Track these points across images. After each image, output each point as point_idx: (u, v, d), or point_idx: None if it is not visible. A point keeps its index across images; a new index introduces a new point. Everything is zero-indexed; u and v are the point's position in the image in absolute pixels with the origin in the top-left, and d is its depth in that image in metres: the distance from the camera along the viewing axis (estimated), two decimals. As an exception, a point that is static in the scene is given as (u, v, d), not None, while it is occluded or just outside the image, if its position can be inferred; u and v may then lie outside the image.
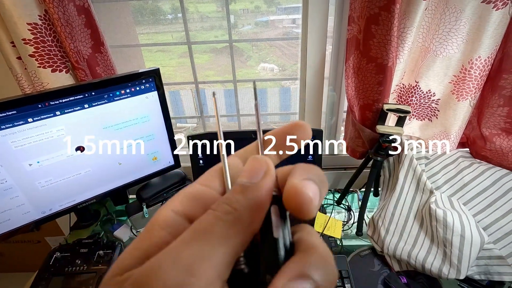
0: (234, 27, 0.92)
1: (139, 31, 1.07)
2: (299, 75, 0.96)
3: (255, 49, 2.95)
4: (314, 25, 0.82)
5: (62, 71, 0.71)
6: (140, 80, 0.67)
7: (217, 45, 1.16)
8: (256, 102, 0.17)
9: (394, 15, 0.63)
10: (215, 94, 0.18)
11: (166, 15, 1.02)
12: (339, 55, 0.89)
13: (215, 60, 1.67)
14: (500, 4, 0.63)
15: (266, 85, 3.61)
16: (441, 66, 0.76)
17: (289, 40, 1.02)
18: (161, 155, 0.80)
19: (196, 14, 1.10)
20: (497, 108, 0.76)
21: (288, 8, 0.99)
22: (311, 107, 0.98)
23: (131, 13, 0.99)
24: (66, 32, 0.66)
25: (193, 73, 0.96)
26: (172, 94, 3.68)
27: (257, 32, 1.44)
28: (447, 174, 0.83)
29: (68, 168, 0.65)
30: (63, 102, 0.58)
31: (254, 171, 0.15)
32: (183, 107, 3.14)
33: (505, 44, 0.70)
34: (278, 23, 1.10)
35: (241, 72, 3.09)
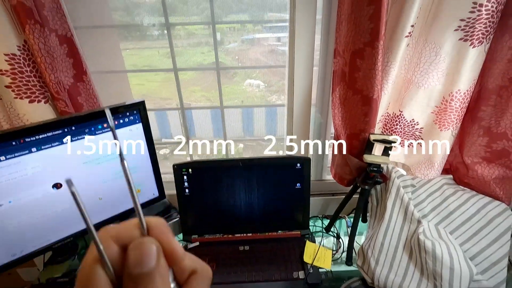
0: (220, 44, 0.92)
1: (125, 46, 1.05)
2: (286, 102, 0.96)
3: (241, 65, 3.02)
4: (300, 55, 0.83)
5: (41, 102, 0.68)
6: (124, 112, 0.65)
7: (204, 61, 1.16)
8: (123, 164, 0.16)
9: (378, 50, 0.65)
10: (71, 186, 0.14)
11: (152, 31, 1.01)
12: (325, 84, 0.90)
13: (202, 76, 1.65)
14: (476, 42, 0.66)
15: (253, 101, 3.64)
16: (423, 96, 0.78)
17: (276, 59, 1.03)
18: (145, 187, 0.77)
19: (183, 30, 1.10)
20: (478, 138, 0.79)
21: (274, 27, 1.00)
22: (298, 131, 0.98)
23: (115, 30, 0.97)
24: (46, 63, 0.63)
25: (179, 95, 0.95)
26: (158, 112, 3.65)
27: (243, 49, 1.44)
28: (433, 202, 0.84)
29: (43, 206, 0.61)
30: (40, 138, 0.55)
31: (144, 255, 0.15)
32: (169, 122, 3.11)
33: (482, 78, 0.73)
34: (264, 41, 1.12)
35: (228, 89, 3.10)
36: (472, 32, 0.65)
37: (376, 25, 0.63)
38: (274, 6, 0.91)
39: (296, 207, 0.92)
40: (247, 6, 0.98)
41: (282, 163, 0.88)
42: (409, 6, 0.62)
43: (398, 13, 0.64)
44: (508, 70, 0.68)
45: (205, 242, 0.91)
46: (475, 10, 0.62)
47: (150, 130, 0.70)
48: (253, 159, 0.86)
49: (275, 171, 0.88)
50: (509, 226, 0.76)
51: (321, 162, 1.07)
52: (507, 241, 0.75)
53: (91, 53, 0.89)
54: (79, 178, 0.64)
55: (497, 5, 0.62)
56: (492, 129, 0.75)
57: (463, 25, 0.65)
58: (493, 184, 0.80)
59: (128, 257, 0.15)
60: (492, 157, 0.79)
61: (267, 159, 0.87)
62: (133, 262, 0.15)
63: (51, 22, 0.64)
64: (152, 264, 0.15)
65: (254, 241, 0.92)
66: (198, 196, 0.89)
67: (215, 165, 0.87)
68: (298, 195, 0.90)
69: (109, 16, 0.97)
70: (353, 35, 0.68)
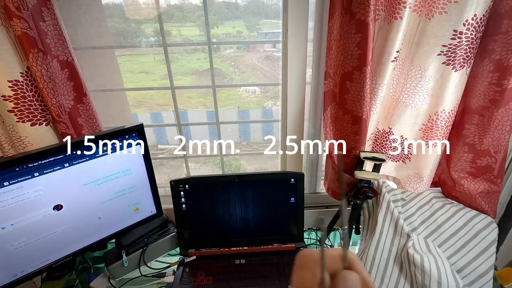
0: (216, 50, 0.94)
1: (121, 52, 1.07)
2: (280, 118, 0.99)
3: (237, 71, 3.03)
4: (293, 73, 0.87)
5: (42, 124, 0.71)
6: (124, 136, 0.67)
7: (200, 68, 1.18)
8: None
9: (366, 74, 0.69)
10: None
11: (148, 37, 1.03)
12: (318, 102, 0.93)
13: (198, 82, 1.67)
14: (458, 66, 0.70)
15: (249, 106, 3.66)
16: (410, 115, 0.82)
17: (270, 64, 1.04)
18: (143, 205, 0.79)
19: (179, 37, 1.13)
20: (463, 154, 0.82)
21: (269, 33, 1.02)
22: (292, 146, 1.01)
23: (111, 36, 0.99)
24: (48, 88, 0.66)
25: (175, 107, 0.98)
26: (153, 115, 3.63)
27: (238, 56, 1.48)
28: (423, 215, 0.87)
29: (44, 228, 0.62)
30: (42, 163, 0.57)
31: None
32: (165, 128, 3.11)
33: (465, 98, 0.77)
34: (259, 47, 1.14)
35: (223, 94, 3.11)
36: (454, 57, 0.69)
37: (363, 51, 0.66)
38: (269, 13, 0.93)
39: (290, 220, 0.94)
40: (242, 13, 1.01)
41: (277, 178, 0.90)
42: (394, 34, 0.66)
43: (384, 40, 0.68)
44: (489, 92, 0.72)
45: (201, 256, 0.93)
46: (456, 37, 0.66)
47: (148, 151, 0.72)
48: (249, 175, 0.89)
49: (270, 186, 0.90)
50: (494, 239, 0.79)
51: (315, 175, 1.10)
52: (493, 253, 0.78)
53: (90, 71, 0.92)
54: (79, 199, 0.66)
55: (476, 33, 0.66)
56: (476, 146, 0.79)
57: (445, 51, 0.69)
58: (479, 198, 0.84)
59: (338, 286, 0.19)
60: (477, 172, 0.82)
61: (262, 175, 0.90)
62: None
63: (53, 48, 0.67)
64: None
65: (250, 254, 0.94)
66: (195, 211, 0.91)
67: (211, 181, 0.89)
68: (292, 209, 0.93)
69: (108, 35, 1.01)
70: (342, 59, 0.71)
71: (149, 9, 0.90)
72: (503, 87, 0.68)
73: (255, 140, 3.63)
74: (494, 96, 0.71)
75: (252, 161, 3.42)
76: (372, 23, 0.64)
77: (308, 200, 1.09)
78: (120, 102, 1.20)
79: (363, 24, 0.64)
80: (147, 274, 0.89)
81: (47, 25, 0.65)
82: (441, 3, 0.64)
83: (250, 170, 2.89)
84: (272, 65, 1.07)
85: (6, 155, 0.71)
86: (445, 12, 0.65)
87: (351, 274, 0.19)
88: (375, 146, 0.91)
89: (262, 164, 3.05)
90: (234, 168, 3.12)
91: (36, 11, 0.62)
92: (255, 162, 3.43)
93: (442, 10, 0.65)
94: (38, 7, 0.63)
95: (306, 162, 1.08)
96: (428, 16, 0.67)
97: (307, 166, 1.08)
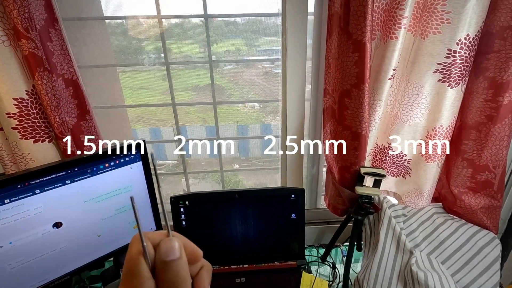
0: (216, 66, 0.96)
1: (122, 69, 1.08)
2: (280, 134, 1.00)
3: (237, 87, 3.07)
4: (293, 89, 0.88)
5: (45, 141, 0.71)
6: (126, 152, 0.67)
7: (200, 83, 1.20)
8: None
9: (364, 92, 0.70)
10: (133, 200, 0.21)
11: (149, 54, 1.05)
12: (317, 117, 0.95)
13: (197, 98, 1.69)
14: (454, 84, 0.72)
15: (248, 121, 3.69)
16: (409, 130, 0.83)
17: (269, 80, 1.06)
18: (143, 222, 0.78)
19: (179, 54, 1.15)
20: (462, 169, 0.83)
21: (268, 50, 1.04)
22: (292, 165, 1.01)
23: (113, 53, 1.02)
24: (52, 105, 0.67)
25: (176, 125, 0.99)
26: (152, 130, 3.65)
27: (238, 72, 1.50)
28: (425, 231, 0.86)
29: (43, 246, 0.62)
30: (44, 180, 0.57)
31: (172, 248, 0.21)
32: (164, 144, 3.11)
33: (462, 114, 0.78)
34: (258, 63, 1.15)
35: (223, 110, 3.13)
36: (449, 74, 0.71)
37: (361, 69, 0.68)
38: (268, 30, 0.96)
39: (291, 237, 0.93)
40: (241, 30, 1.04)
41: (277, 194, 0.90)
42: (391, 53, 0.68)
43: (381, 59, 0.70)
44: (484, 108, 0.73)
45: (201, 275, 0.91)
46: (450, 56, 0.68)
47: (149, 167, 0.73)
48: (249, 191, 0.89)
49: (270, 202, 0.90)
50: (498, 255, 0.78)
51: (315, 190, 1.09)
52: (497, 270, 0.77)
53: (93, 89, 0.93)
54: (79, 216, 0.65)
55: (469, 52, 0.68)
56: (475, 161, 0.80)
57: (441, 68, 0.71)
58: (480, 214, 0.83)
59: (160, 248, 0.21)
60: (477, 188, 0.83)
61: (263, 191, 0.89)
62: (164, 252, 0.20)
63: (59, 67, 0.69)
64: (177, 254, 0.21)
65: (251, 272, 0.92)
66: (195, 228, 0.90)
67: (212, 197, 0.89)
68: (293, 226, 0.92)
69: (110, 54, 1.03)
70: (340, 77, 0.73)
71: (151, 28, 0.92)
72: (498, 103, 0.70)
73: (254, 155, 3.63)
74: (490, 112, 0.72)
75: (251, 176, 3.41)
76: (369, 43, 0.66)
77: (308, 216, 1.08)
78: (120, 118, 1.22)
79: (360, 44, 0.66)
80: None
81: (54, 45, 0.67)
82: (434, 24, 0.67)
83: (249, 185, 2.87)
84: (270, 81, 1.09)
85: (8, 172, 0.71)
86: (438, 32, 0.67)
87: (173, 237, 0.21)
88: (375, 162, 0.92)
89: (261, 179, 3.03)
90: (233, 184, 3.10)
91: (44, 32, 0.64)
92: (254, 177, 3.42)
93: (436, 30, 0.67)
94: (46, 28, 0.65)
95: (306, 177, 1.08)
96: (423, 36, 0.70)
97: (307, 181, 1.08)
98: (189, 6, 0.85)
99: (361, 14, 0.63)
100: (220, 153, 1.06)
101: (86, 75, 0.91)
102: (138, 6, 0.88)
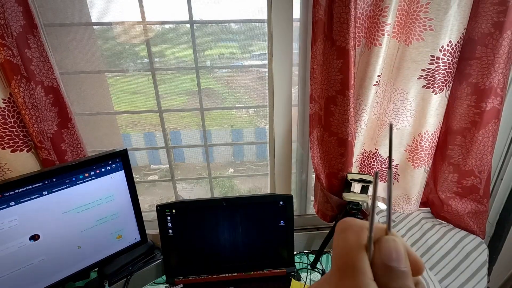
0: (210, 71, 0.95)
1: (114, 73, 1.07)
2: (268, 139, 1.00)
3: (231, 91, 3.06)
4: (279, 95, 0.88)
5: (23, 151, 0.69)
6: (107, 161, 0.66)
7: (193, 88, 1.18)
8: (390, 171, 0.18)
9: (349, 98, 0.70)
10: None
11: (139, 59, 1.03)
12: (305, 123, 0.94)
13: (191, 102, 1.67)
14: (438, 90, 0.72)
15: (242, 126, 3.67)
16: (395, 136, 0.83)
17: (263, 84, 1.05)
18: (126, 232, 0.76)
19: (173, 58, 1.13)
20: (448, 174, 0.83)
21: (261, 54, 1.04)
22: (280, 167, 1.00)
23: (100, 58, 1.00)
24: (30, 114, 0.65)
25: (162, 128, 0.97)
26: (146, 135, 3.61)
27: (232, 76, 1.49)
28: (413, 237, 0.86)
29: (20, 259, 0.59)
30: (18, 191, 0.56)
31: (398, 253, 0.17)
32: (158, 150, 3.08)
33: (447, 120, 0.78)
34: (252, 67, 1.15)
35: (217, 114, 3.10)
36: (433, 80, 0.71)
37: (345, 76, 0.68)
38: (261, 35, 0.95)
39: (280, 244, 0.92)
40: (235, 35, 1.03)
41: (265, 201, 0.89)
42: (375, 59, 0.68)
43: (365, 65, 0.70)
44: (468, 114, 0.74)
45: (189, 284, 0.89)
46: (434, 62, 0.69)
47: (132, 176, 0.71)
48: (236, 198, 0.88)
49: (258, 209, 0.89)
50: (485, 261, 0.78)
51: (305, 196, 1.09)
52: (485, 275, 0.77)
53: (77, 95, 0.92)
54: (58, 228, 0.63)
55: (452, 58, 0.68)
56: (461, 167, 0.80)
57: (425, 75, 0.71)
58: (467, 218, 0.83)
59: (382, 247, 0.17)
60: (463, 192, 0.83)
61: (250, 198, 0.88)
62: (387, 253, 0.17)
63: (38, 75, 0.67)
64: (403, 262, 0.17)
65: (240, 281, 0.90)
66: (182, 236, 0.89)
67: (199, 205, 0.88)
68: (282, 232, 0.91)
69: (96, 59, 1.02)
70: (326, 84, 0.73)
71: (139, 33, 0.91)
72: (482, 109, 0.70)
73: (249, 159, 3.61)
74: (474, 118, 0.73)
75: (246, 180, 3.39)
76: (353, 50, 0.66)
77: (298, 222, 1.07)
78: (109, 125, 1.19)
79: (343, 50, 0.66)
80: (130, 305, 0.85)
81: (33, 52, 0.65)
82: (417, 30, 0.67)
83: (244, 189, 2.85)
84: (264, 85, 1.09)
85: (-16, 182, 0.68)
86: (422, 39, 0.68)
87: (395, 237, 0.18)
88: (363, 167, 0.91)
89: (256, 183, 3.02)
90: (227, 188, 3.07)
91: (21, 38, 0.63)
92: (248, 181, 3.40)
93: (419, 37, 0.68)
94: (24, 34, 0.64)
95: (295, 183, 1.07)
96: (407, 42, 0.70)
97: (296, 187, 1.07)
98: (179, 11, 0.85)
99: (344, 21, 0.63)
100: (208, 159, 1.05)
101: (70, 81, 0.90)
102: (126, 12, 0.86)
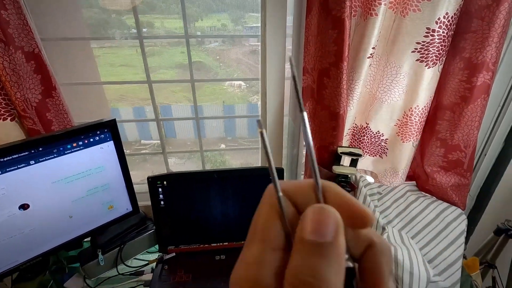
0: (201, 43, 0.92)
1: (100, 44, 1.02)
2: (260, 113, 0.99)
3: (223, 65, 2.98)
4: (272, 68, 0.86)
5: (7, 120, 0.67)
6: (95, 131, 0.64)
7: (184, 61, 1.14)
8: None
9: (343, 71, 0.69)
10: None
11: (127, 29, 0.99)
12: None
13: (182, 76, 1.64)
14: (431, 63, 0.71)
15: (234, 101, 3.64)
16: (386, 111, 0.83)
17: (256, 59, 1.03)
18: (118, 203, 0.76)
19: (162, 29, 1.09)
20: (435, 148, 0.85)
21: (254, 27, 1.01)
22: (272, 141, 1.01)
23: (85, 27, 0.95)
24: (12, 81, 0.62)
25: (153, 105, 0.95)
26: (136, 110, 3.55)
27: (223, 50, 1.45)
28: (397, 208, 0.90)
29: (9, 228, 0.59)
30: (4, 160, 0.54)
31: (323, 224, 0.13)
32: (148, 123, 3.04)
33: (437, 95, 0.79)
34: (245, 41, 1.12)
35: (208, 89, 3.05)
36: (427, 54, 0.70)
37: (339, 47, 0.66)
38: (254, 6, 0.92)
39: (270, 216, 0.95)
40: (227, 6, 0.99)
41: (256, 173, 0.90)
42: (370, 30, 0.66)
43: (360, 37, 0.68)
44: (459, 89, 0.74)
45: (181, 253, 0.92)
46: (429, 35, 0.68)
47: (122, 147, 0.70)
48: (227, 171, 0.88)
49: (249, 182, 0.90)
50: (463, 230, 0.82)
51: (295, 171, 1.10)
52: (462, 243, 0.81)
53: (62, 64, 0.87)
54: (47, 198, 0.63)
55: (448, 31, 0.67)
56: (448, 141, 0.82)
57: (419, 48, 0.70)
58: (450, 191, 0.87)
59: (305, 220, 0.13)
60: (448, 167, 0.85)
61: (241, 170, 0.89)
62: (310, 228, 0.13)
63: (17, 39, 0.63)
64: (329, 237, 0.13)
65: (230, 250, 0.94)
66: (174, 208, 0.90)
67: (190, 177, 0.88)
68: (273, 205, 0.93)
69: (81, 26, 0.96)
70: (319, 55, 0.71)
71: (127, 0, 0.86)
72: (472, 84, 0.71)
73: (241, 135, 3.62)
74: (464, 93, 0.73)
75: (237, 156, 3.41)
76: (348, 20, 0.64)
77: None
78: (97, 97, 1.16)
79: (339, 20, 0.64)
80: (124, 272, 0.87)
81: (9, 13, 0.61)
82: (415, 1, 0.66)
83: (236, 164, 2.88)
84: (257, 60, 1.06)
85: (-32, 152, 0.66)
86: (418, 10, 0.66)
87: (328, 207, 0.14)
88: (353, 141, 0.93)
89: (248, 159, 3.04)
90: (219, 163, 3.09)
91: (-4, -2, 0.58)
92: (241, 157, 3.43)
93: (416, 8, 0.66)
94: (-1, -6, 0.59)
95: (286, 158, 1.08)
96: (403, 13, 0.68)
97: (287, 162, 1.09)
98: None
99: (341, -12, 0.61)
100: (199, 133, 1.04)
101: (54, 49, 0.85)
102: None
